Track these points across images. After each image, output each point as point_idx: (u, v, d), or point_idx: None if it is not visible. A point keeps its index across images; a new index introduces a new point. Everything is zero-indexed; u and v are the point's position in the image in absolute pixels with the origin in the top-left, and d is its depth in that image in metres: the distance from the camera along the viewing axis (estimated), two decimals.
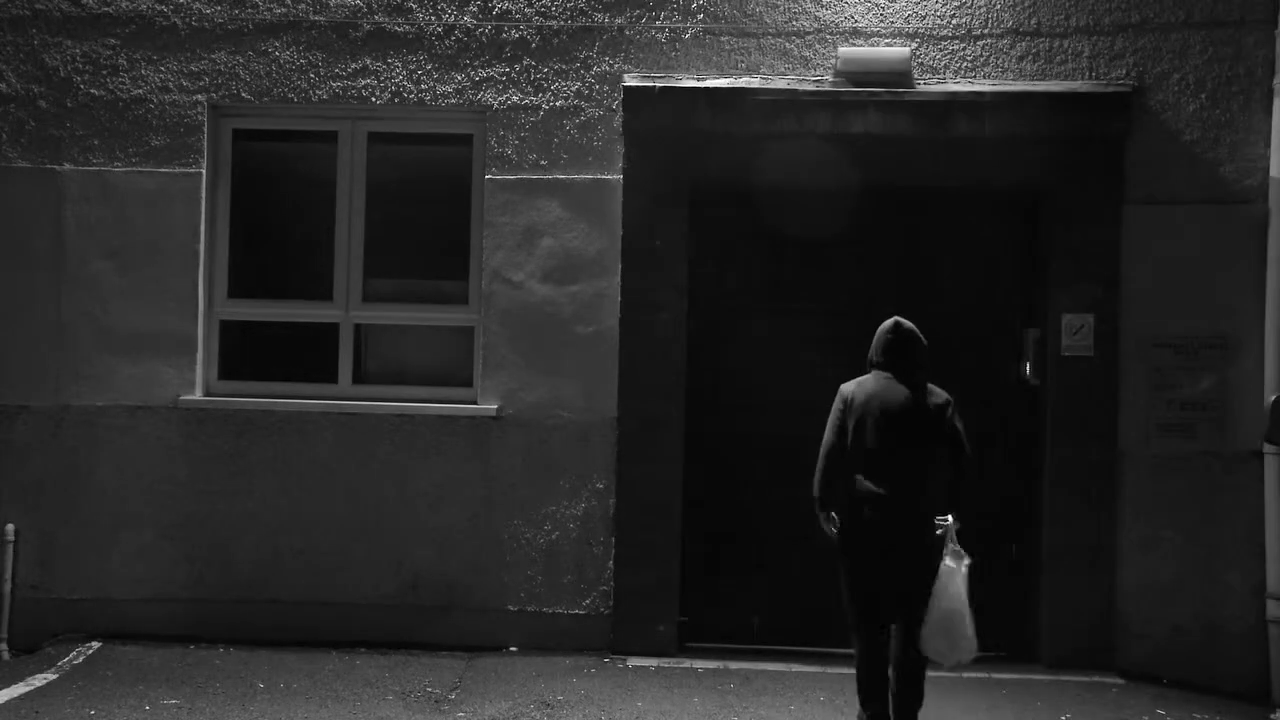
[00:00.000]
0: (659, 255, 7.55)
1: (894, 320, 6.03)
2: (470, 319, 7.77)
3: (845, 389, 6.02)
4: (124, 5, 7.72)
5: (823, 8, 7.64)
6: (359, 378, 7.83)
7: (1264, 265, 7.43)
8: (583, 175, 7.64)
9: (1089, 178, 7.51)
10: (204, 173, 7.74)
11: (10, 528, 7.56)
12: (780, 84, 7.56)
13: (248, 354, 7.88)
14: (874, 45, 7.59)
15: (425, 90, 7.69)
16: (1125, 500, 7.46)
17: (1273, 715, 6.95)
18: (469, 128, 7.80)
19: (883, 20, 7.62)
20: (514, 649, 7.53)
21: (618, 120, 7.61)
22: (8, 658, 7.42)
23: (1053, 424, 7.51)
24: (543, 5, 7.68)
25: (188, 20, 7.72)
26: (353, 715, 6.34)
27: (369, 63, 7.70)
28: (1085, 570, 7.42)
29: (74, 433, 7.65)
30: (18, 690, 6.62)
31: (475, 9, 7.68)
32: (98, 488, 7.64)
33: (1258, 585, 7.36)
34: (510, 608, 7.59)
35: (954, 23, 7.61)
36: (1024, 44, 7.59)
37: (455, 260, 7.83)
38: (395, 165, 7.91)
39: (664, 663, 7.33)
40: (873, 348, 6.06)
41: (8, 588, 7.53)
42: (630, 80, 7.59)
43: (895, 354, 5.97)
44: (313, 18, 7.71)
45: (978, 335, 7.70)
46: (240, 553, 7.62)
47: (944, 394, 5.97)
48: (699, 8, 7.65)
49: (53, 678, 6.85)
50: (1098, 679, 7.24)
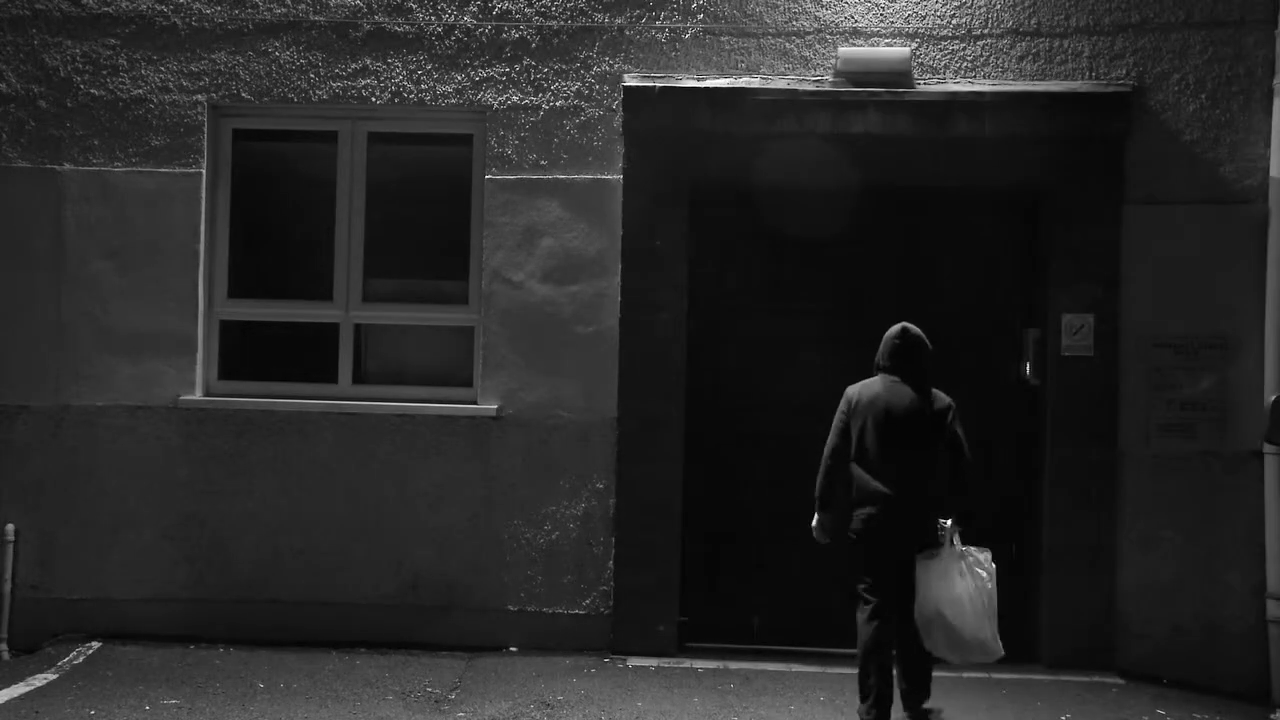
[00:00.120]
0: (659, 255, 7.55)
1: (902, 326, 6.24)
2: (470, 319, 7.77)
3: (851, 391, 6.23)
4: (124, 5, 7.72)
5: (823, 8, 7.64)
6: (359, 378, 7.83)
7: (1264, 265, 7.43)
8: (583, 175, 7.64)
9: (1089, 178, 7.51)
10: (204, 173, 7.74)
11: (10, 528, 7.56)
12: (780, 84, 7.56)
13: (248, 354, 7.88)
14: (874, 45, 7.59)
15: (425, 90, 7.69)
16: (1125, 500, 7.46)
17: (1273, 715, 6.95)
18: (469, 128, 7.80)
19: (883, 20, 7.62)
20: (514, 649, 7.53)
21: (618, 120, 7.61)
22: (8, 658, 7.42)
23: (1053, 424, 7.51)
24: (543, 5, 7.68)
25: (188, 20, 7.72)
26: (353, 715, 6.34)
27: (369, 63, 7.70)
28: (1085, 570, 7.42)
29: (74, 433, 7.66)
30: (18, 690, 6.62)
31: (475, 9, 7.68)
32: (98, 488, 7.64)
33: (1258, 585, 7.36)
34: (510, 608, 7.60)
35: (954, 23, 7.61)
36: (1024, 44, 7.59)
37: (455, 260, 7.83)
38: (395, 165, 7.91)
39: (664, 663, 7.33)
40: (880, 352, 6.27)
41: (8, 588, 7.53)
42: (630, 80, 7.59)
43: (902, 358, 6.17)
44: (313, 18, 7.71)
45: (978, 335, 7.70)
46: (240, 553, 7.62)
47: (947, 399, 6.17)
48: (699, 8, 7.65)
49: (53, 678, 6.85)
50: (1098, 679, 7.24)
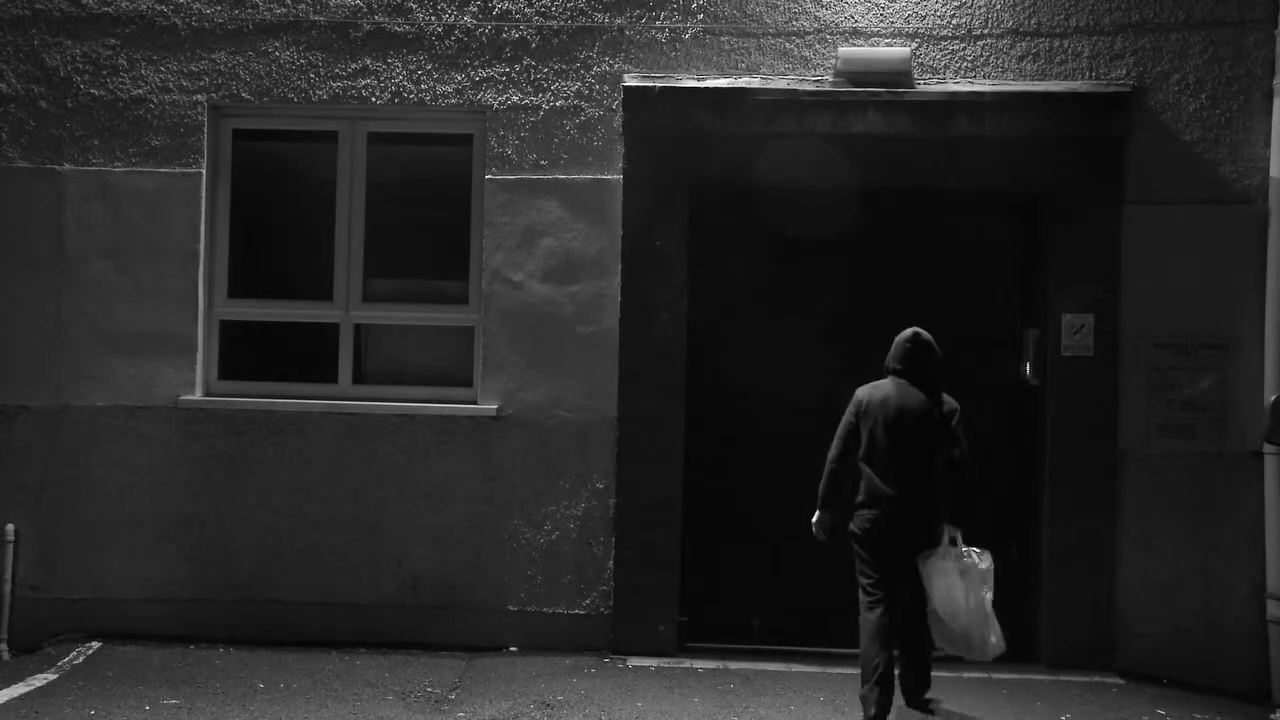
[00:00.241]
0: (659, 255, 7.55)
1: (913, 330, 6.33)
2: (470, 319, 7.77)
3: (861, 393, 6.35)
4: (124, 5, 7.72)
5: (823, 8, 7.64)
6: (359, 378, 7.83)
7: (1264, 265, 7.43)
8: (583, 175, 7.64)
9: (1089, 178, 7.51)
10: (204, 173, 7.74)
11: (10, 528, 7.56)
12: (780, 84, 7.56)
13: (248, 354, 7.88)
14: (874, 45, 7.59)
15: (425, 90, 7.69)
16: (1125, 500, 7.46)
17: (1273, 715, 6.95)
18: (469, 128, 7.80)
19: (883, 20, 7.62)
20: (514, 649, 7.53)
21: (618, 120, 7.61)
22: (8, 658, 7.42)
23: (1053, 424, 7.51)
24: (543, 5, 7.68)
25: (188, 20, 7.72)
26: (353, 715, 6.34)
27: (369, 63, 7.70)
28: (1085, 570, 7.42)
29: (74, 433, 7.66)
30: (18, 690, 6.62)
31: (475, 9, 7.68)
32: (98, 488, 7.64)
33: (1258, 585, 7.36)
34: (510, 608, 7.60)
35: (954, 23, 7.61)
36: (1024, 44, 7.59)
37: (455, 260, 7.83)
38: (395, 165, 7.91)
39: (664, 663, 7.33)
40: (890, 355, 6.36)
41: (8, 588, 7.54)
42: (630, 80, 7.59)
43: (912, 362, 6.28)
44: (313, 18, 7.71)
45: (978, 335, 7.70)
46: (240, 553, 7.62)
47: (954, 402, 6.28)
48: (699, 8, 7.65)
49: (53, 678, 6.85)
50: (1098, 679, 7.24)
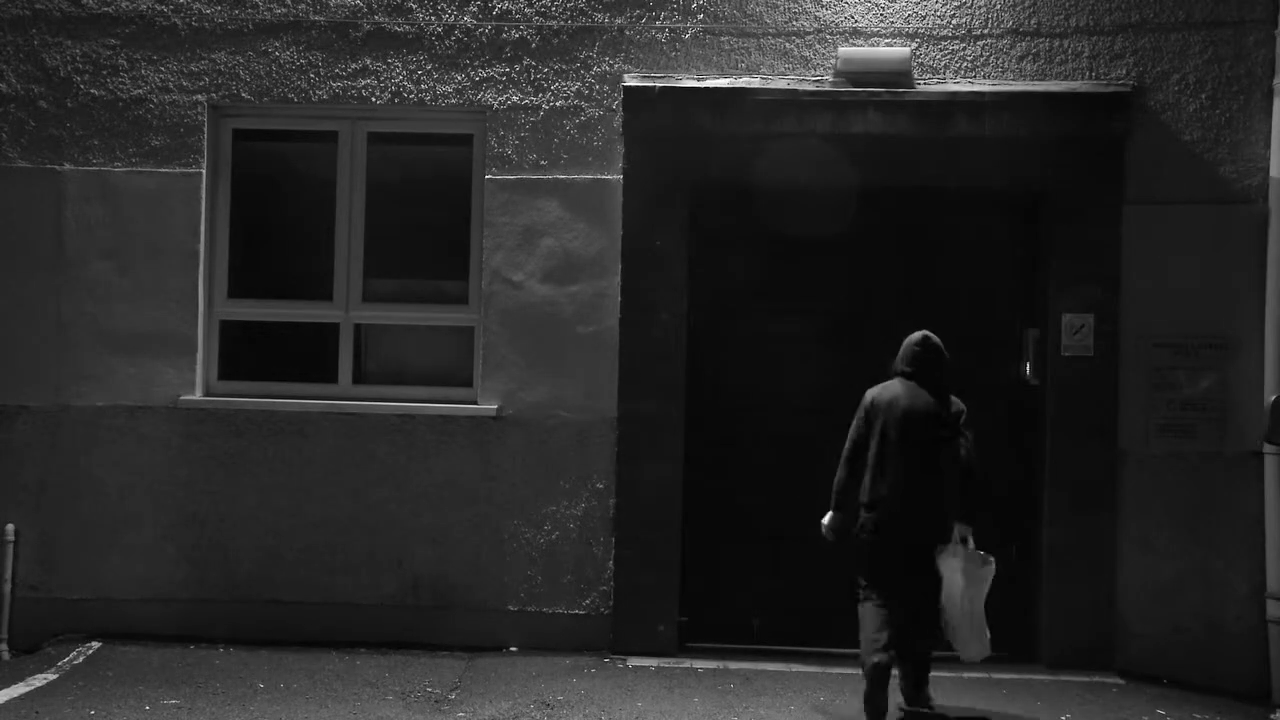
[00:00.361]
0: (659, 255, 7.55)
1: (923, 334, 6.45)
2: (470, 319, 7.77)
3: (869, 394, 6.47)
4: (124, 5, 7.72)
5: (823, 8, 7.64)
6: (359, 378, 7.83)
7: (1264, 265, 7.43)
8: (583, 175, 7.64)
9: (1089, 178, 7.51)
10: (204, 173, 7.74)
11: (10, 528, 7.56)
12: (780, 84, 7.56)
13: (248, 354, 7.88)
14: (874, 45, 7.59)
15: (425, 90, 7.69)
16: (1125, 500, 7.46)
17: (1273, 715, 6.95)
18: (469, 128, 7.80)
19: (883, 20, 7.62)
20: (514, 649, 7.53)
21: (618, 120, 7.61)
22: (8, 658, 7.42)
23: (1052, 424, 7.50)
24: (543, 5, 7.68)
25: (188, 20, 7.72)
26: (353, 715, 6.34)
27: (369, 63, 7.70)
28: (1085, 570, 7.42)
29: (74, 433, 7.66)
30: (18, 690, 6.62)
31: (475, 9, 7.68)
32: (98, 488, 7.64)
33: (1258, 585, 7.36)
34: (510, 608, 7.60)
35: (954, 23, 7.61)
36: (1024, 44, 7.59)
37: (455, 260, 7.83)
38: (395, 165, 7.91)
39: (664, 663, 7.33)
40: (899, 357, 6.48)
41: (8, 588, 7.53)
42: (630, 80, 7.59)
43: (921, 364, 6.40)
44: (313, 18, 7.71)
45: (978, 335, 7.69)
46: (240, 553, 7.62)
47: (961, 404, 6.40)
48: (699, 8, 7.65)
49: (53, 678, 6.85)
50: (1098, 679, 7.24)
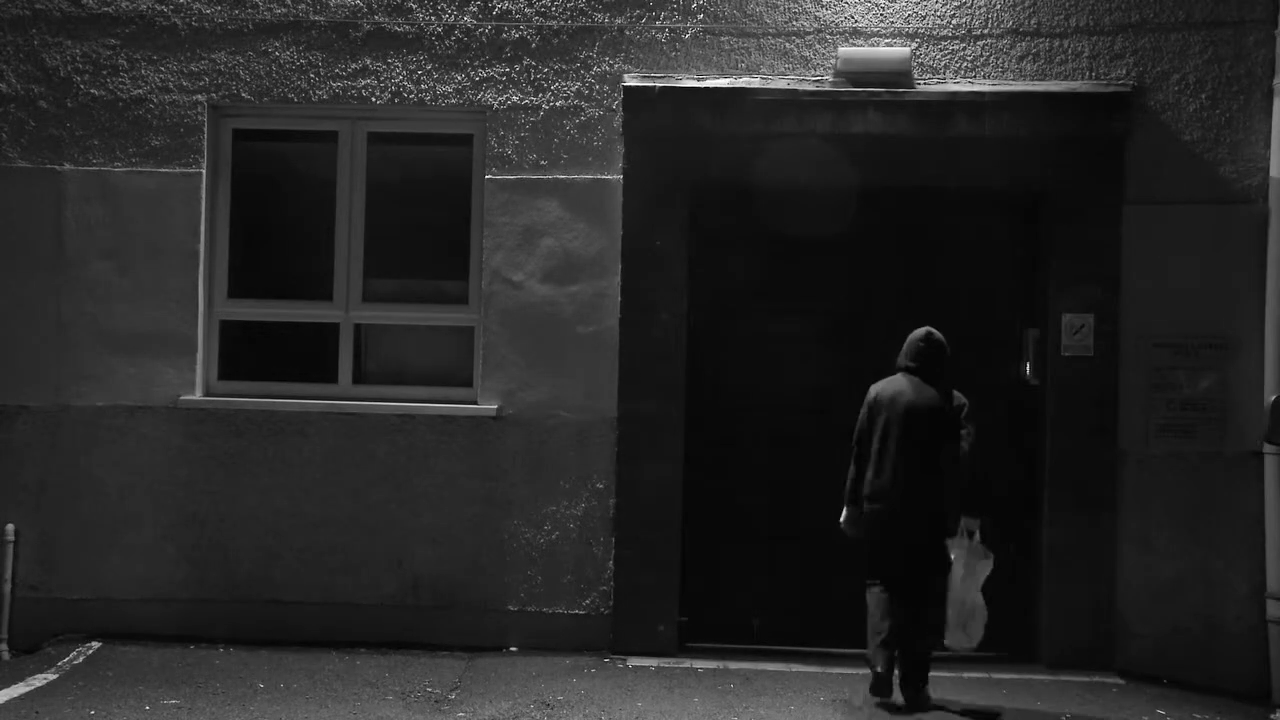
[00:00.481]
0: (659, 255, 7.55)
1: (926, 330, 6.63)
2: (470, 319, 7.77)
3: (873, 389, 6.67)
4: (124, 5, 7.72)
5: (823, 8, 7.64)
6: (359, 378, 7.83)
7: (1264, 265, 7.43)
8: (583, 175, 7.64)
9: (1089, 178, 7.51)
10: (204, 173, 7.74)
11: (10, 528, 7.56)
12: (780, 84, 7.56)
13: (248, 354, 7.88)
14: (874, 45, 7.59)
15: (425, 90, 7.68)
16: (1125, 500, 7.45)
17: (1273, 715, 6.95)
18: (469, 128, 7.80)
19: (883, 20, 7.62)
20: (514, 649, 7.53)
21: (618, 120, 7.61)
22: (8, 658, 7.42)
23: (1052, 424, 7.50)
24: (543, 5, 7.68)
25: (188, 20, 7.72)
26: (353, 715, 6.34)
27: (369, 63, 7.70)
28: (1085, 570, 7.42)
29: (74, 433, 7.66)
30: (18, 690, 6.61)
31: (475, 9, 7.68)
32: (98, 488, 7.64)
33: (1258, 585, 7.36)
34: (510, 608, 7.59)
35: (954, 23, 7.61)
36: (1024, 44, 7.59)
37: (455, 260, 7.83)
38: (395, 165, 7.91)
39: (664, 663, 7.32)
40: (903, 353, 6.66)
41: (8, 588, 7.53)
42: (630, 80, 7.59)
43: (924, 360, 6.58)
44: (313, 18, 7.71)
45: (978, 335, 7.69)
46: (240, 553, 7.62)
47: (962, 398, 6.56)
48: (699, 8, 7.65)
49: (53, 678, 6.85)
50: (1098, 679, 7.24)
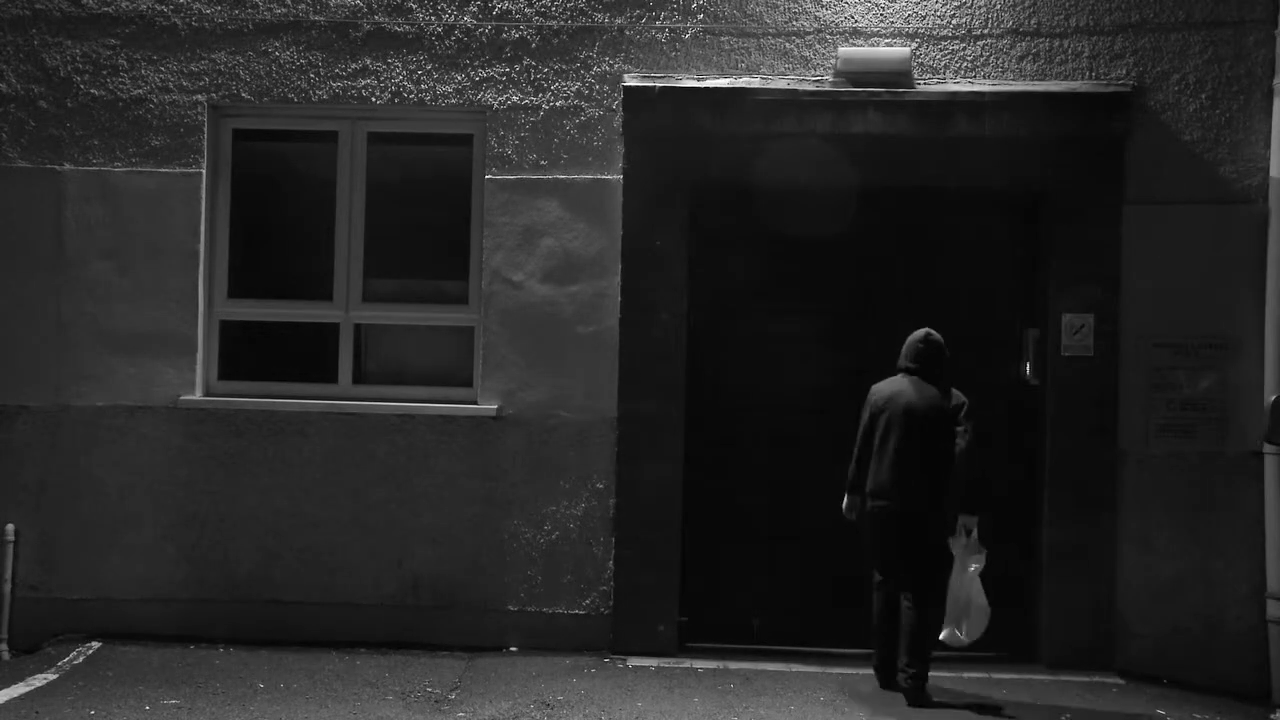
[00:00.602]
0: (659, 255, 7.55)
1: (925, 331, 6.80)
2: (470, 319, 7.77)
3: (874, 389, 6.85)
4: (124, 5, 7.72)
5: (823, 8, 7.64)
6: (359, 378, 7.83)
7: (1264, 265, 7.43)
8: (583, 175, 7.64)
9: (1089, 178, 7.51)
10: (204, 173, 7.74)
11: (10, 528, 7.56)
12: (780, 84, 7.56)
13: (248, 354, 7.88)
14: (874, 45, 7.59)
15: (425, 90, 7.68)
16: (1125, 500, 7.45)
17: (1273, 715, 6.95)
18: (469, 128, 7.80)
19: (883, 20, 7.62)
20: (514, 649, 7.53)
21: (618, 120, 7.61)
22: (8, 658, 7.42)
23: (1052, 424, 7.50)
24: (543, 5, 7.68)
25: (188, 20, 7.72)
26: (353, 715, 6.34)
27: (369, 63, 7.70)
28: (1085, 570, 7.42)
29: (74, 433, 7.66)
30: (18, 690, 6.62)
31: (475, 9, 7.68)
32: (98, 488, 7.64)
33: (1258, 585, 7.36)
34: (510, 608, 7.59)
35: (954, 23, 7.61)
36: (1024, 44, 7.59)
37: (455, 260, 7.83)
38: (395, 165, 7.91)
39: (664, 663, 7.33)
40: (903, 354, 6.83)
41: (8, 588, 7.53)
42: (630, 80, 7.59)
43: (923, 360, 6.76)
44: (313, 18, 7.71)
45: (978, 335, 7.69)
46: (240, 553, 7.62)
47: (962, 396, 6.71)
48: (699, 8, 7.65)
49: (53, 678, 6.85)
50: (1098, 679, 7.24)
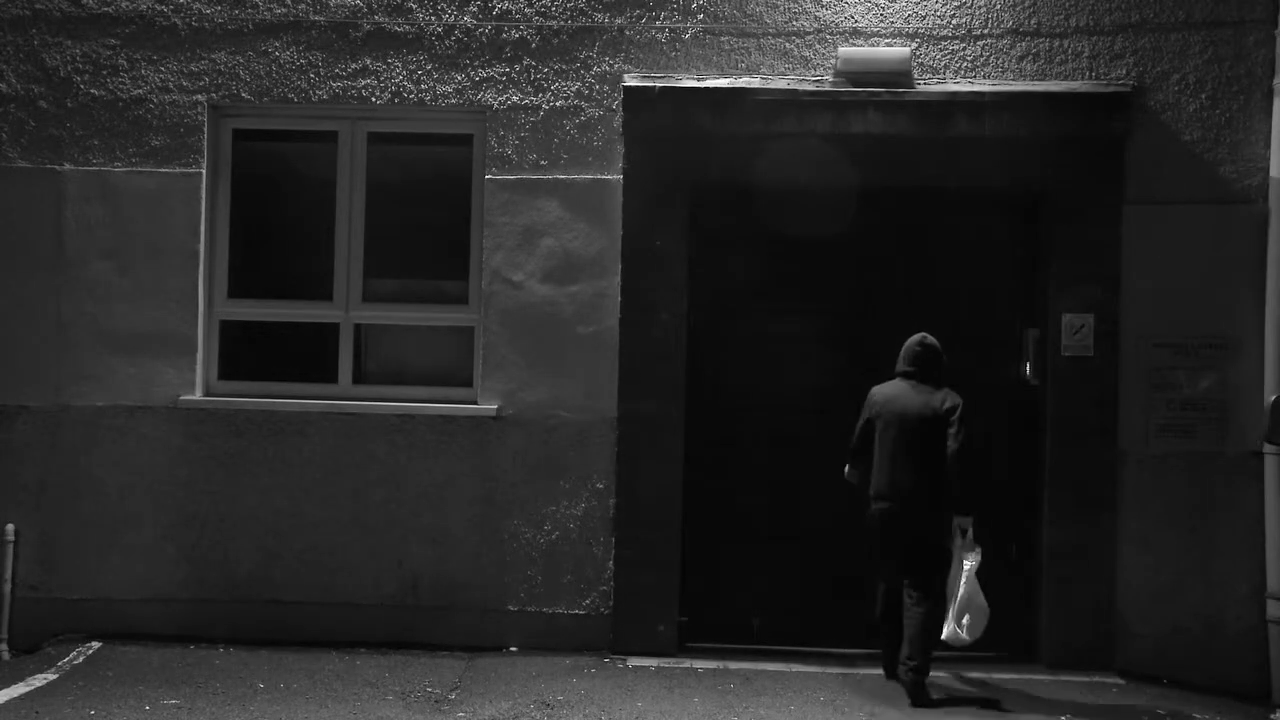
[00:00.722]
0: (659, 255, 7.55)
1: (921, 335, 6.90)
2: (470, 319, 7.77)
3: (874, 391, 6.96)
4: (124, 5, 7.72)
5: (823, 8, 7.64)
6: (359, 378, 7.83)
7: (1264, 265, 7.43)
8: (583, 175, 7.64)
9: (1089, 178, 7.51)
10: (204, 173, 7.74)
11: (10, 528, 7.56)
12: (780, 84, 7.56)
13: (248, 354, 7.88)
14: (874, 45, 7.59)
15: (425, 90, 7.69)
16: (1125, 500, 7.45)
17: (1273, 715, 6.95)
18: (469, 128, 7.80)
19: (883, 20, 7.62)
20: (514, 649, 7.53)
21: (618, 120, 7.61)
22: (8, 658, 7.42)
23: (1053, 424, 7.50)
24: (543, 5, 7.68)
25: (188, 20, 7.72)
26: (353, 715, 6.34)
27: (369, 63, 7.70)
28: (1085, 570, 7.42)
29: (74, 433, 7.66)
30: (18, 690, 6.62)
31: (475, 9, 7.68)
32: (98, 488, 7.64)
33: (1258, 585, 7.36)
34: (510, 608, 7.59)
35: (954, 23, 7.61)
36: (1024, 44, 7.59)
37: (455, 260, 7.83)
38: (395, 165, 7.91)
39: (664, 663, 7.33)
40: (900, 358, 6.92)
41: (8, 588, 7.53)
42: (630, 80, 7.59)
43: (919, 364, 6.86)
44: (313, 18, 7.71)
45: (978, 335, 7.70)
46: (240, 553, 7.62)
47: (957, 398, 6.75)
48: (699, 8, 7.65)
49: (53, 678, 6.85)
50: (1098, 679, 7.24)
